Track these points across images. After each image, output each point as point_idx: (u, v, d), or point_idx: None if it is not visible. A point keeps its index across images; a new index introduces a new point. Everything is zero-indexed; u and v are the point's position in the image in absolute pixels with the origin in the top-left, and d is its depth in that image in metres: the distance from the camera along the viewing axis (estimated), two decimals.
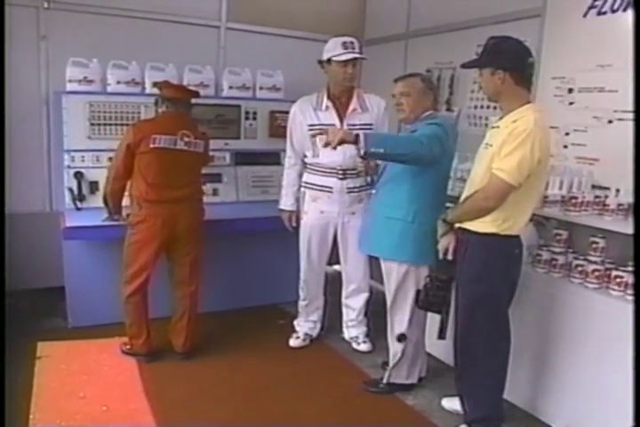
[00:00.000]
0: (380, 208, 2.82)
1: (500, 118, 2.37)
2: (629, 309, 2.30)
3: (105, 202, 3.13)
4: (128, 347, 3.23)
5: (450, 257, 2.51)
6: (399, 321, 2.88)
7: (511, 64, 2.29)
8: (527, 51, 2.33)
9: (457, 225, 2.49)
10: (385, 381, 2.97)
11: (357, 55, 3.09)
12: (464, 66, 2.50)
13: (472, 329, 2.48)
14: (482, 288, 2.42)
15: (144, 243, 3.03)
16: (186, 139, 3.05)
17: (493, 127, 2.39)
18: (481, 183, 2.34)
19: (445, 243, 2.53)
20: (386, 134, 2.69)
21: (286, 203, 3.40)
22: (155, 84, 3.25)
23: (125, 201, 3.13)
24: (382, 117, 3.27)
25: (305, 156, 3.30)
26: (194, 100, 3.20)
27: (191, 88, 3.39)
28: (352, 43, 3.09)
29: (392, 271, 2.83)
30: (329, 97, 3.20)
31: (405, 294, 2.83)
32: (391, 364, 2.94)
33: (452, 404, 2.80)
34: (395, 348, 2.92)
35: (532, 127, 2.20)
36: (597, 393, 2.46)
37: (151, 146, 2.96)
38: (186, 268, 3.18)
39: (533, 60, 2.35)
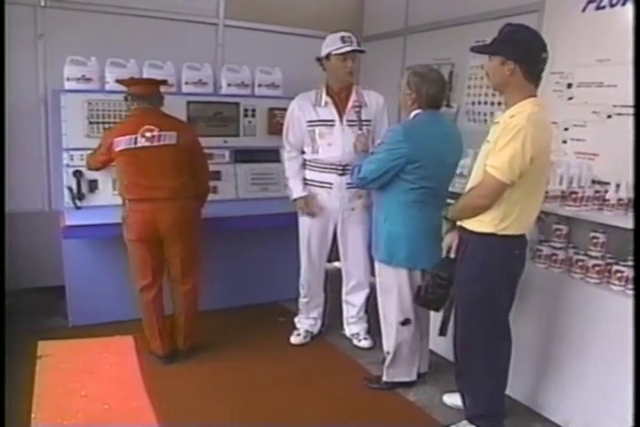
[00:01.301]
0: (374, 209, 2.94)
1: (503, 113, 2.32)
2: (630, 303, 2.30)
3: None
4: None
5: (452, 255, 2.50)
6: (386, 318, 2.91)
7: (523, 56, 2.21)
8: (543, 44, 2.24)
9: (458, 223, 2.48)
10: (384, 379, 2.98)
11: (356, 47, 3.10)
12: (474, 49, 2.39)
13: (470, 328, 2.47)
14: (479, 288, 2.39)
15: (134, 239, 3.03)
16: (147, 134, 2.95)
17: (495, 123, 2.34)
18: (478, 180, 2.32)
19: (449, 240, 2.52)
20: (363, 160, 2.77)
21: (297, 191, 3.30)
22: (120, 82, 3.18)
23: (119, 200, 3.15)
24: (381, 113, 3.27)
25: (303, 152, 3.30)
26: (191, 98, 3.16)
27: (156, 78, 3.32)
28: (350, 37, 3.10)
29: (376, 269, 2.91)
30: (328, 93, 3.20)
31: (388, 292, 2.85)
32: (386, 363, 2.96)
33: (454, 399, 2.80)
34: (387, 347, 2.94)
35: (524, 123, 2.14)
36: (599, 388, 2.46)
37: (116, 150, 2.96)
38: (177, 267, 3.13)
39: (547, 55, 2.26)
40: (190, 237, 3.12)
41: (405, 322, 2.84)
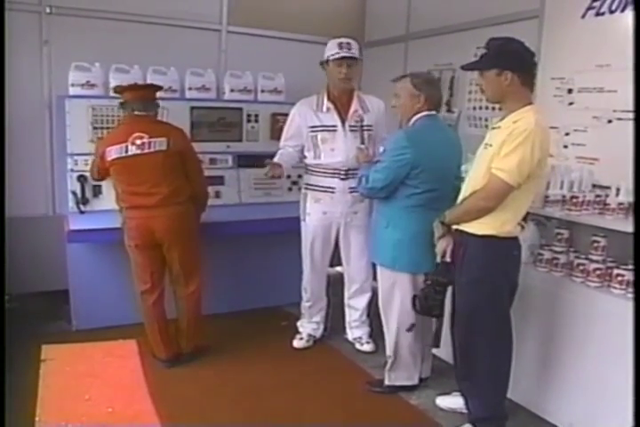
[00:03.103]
0: (375, 214, 2.95)
1: (502, 119, 2.36)
2: (631, 307, 2.31)
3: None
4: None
5: (448, 259, 2.51)
6: (389, 323, 2.92)
7: (518, 64, 2.29)
8: (531, 51, 2.33)
9: (454, 227, 2.49)
10: (386, 383, 2.99)
11: (348, 54, 3.10)
12: (466, 68, 2.48)
13: (473, 331, 2.49)
14: (482, 290, 2.42)
15: (132, 244, 3.05)
16: (138, 142, 2.95)
17: (494, 128, 2.38)
18: (481, 184, 2.35)
19: (443, 245, 2.53)
20: (368, 169, 2.79)
21: (277, 158, 3.27)
22: (114, 90, 3.19)
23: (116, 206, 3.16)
24: (381, 119, 3.30)
25: (305, 157, 3.32)
26: (195, 104, 3.16)
27: (152, 83, 3.33)
28: (348, 43, 3.13)
29: (379, 274, 2.92)
30: (329, 98, 3.22)
31: (391, 297, 2.87)
32: (387, 366, 2.97)
33: (447, 402, 2.84)
34: (389, 351, 2.95)
35: (533, 127, 2.21)
36: (601, 391, 2.47)
37: (108, 159, 2.97)
38: (177, 271, 3.14)
39: (536, 61, 2.35)
40: (188, 242, 3.12)
41: (411, 328, 2.84)
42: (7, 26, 3.44)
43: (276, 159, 3.26)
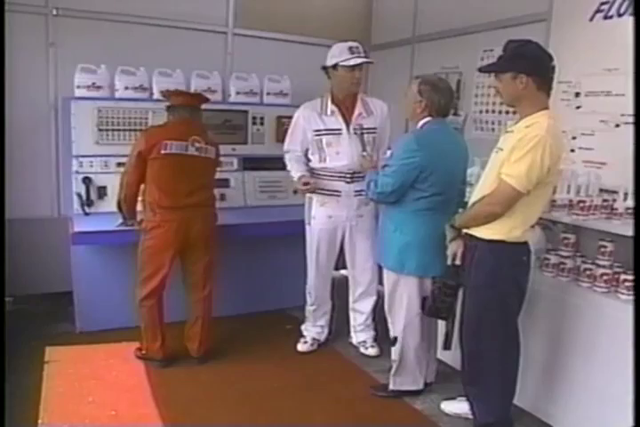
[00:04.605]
0: (382, 217, 2.93)
1: (516, 123, 2.35)
2: None
3: (119, 208, 3.12)
4: (143, 352, 3.22)
5: (458, 262, 2.51)
6: (394, 326, 2.91)
7: (534, 68, 2.26)
8: (548, 54, 2.31)
9: (464, 231, 2.49)
10: (391, 387, 2.97)
11: (366, 59, 3.12)
12: (483, 70, 2.47)
13: (480, 335, 2.48)
14: (490, 295, 2.41)
15: (158, 248, 3.04)
16: (197, 144, 3.05)
17: (507, 132, 2.37)
18: (491, 188, 2.33)
19: (454, 248, 2.53)
20: (375, 174, 2.80)
21: (300, 170, 3.27)
22: (162, 94, 3.24)
23: (139, 206, 3.13)
24: (385, 121, 3.29)
25: (309, 160, 3.31)
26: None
27: (200, 93, 3.40)
28: (357, 47, 3.12)
29: (385, 277, 2.90)
30: (333, 102, 3.21)
31: (398, 300, 2.85)
32: (392, 371, 2.95)
33: (453, 407, 2.82)
34: (394, 355, 2.93)
35: (544, 133, 2.18)
36: (607, 397, 2.44)
37: (163, 152, 2.96)
38: (200, 273, 3.18)
39: (554, 64, 2.32)
40: (215, 244, 3.20)
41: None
42: (13, 27, 3.46)
43: (292, 169, 3.28)
